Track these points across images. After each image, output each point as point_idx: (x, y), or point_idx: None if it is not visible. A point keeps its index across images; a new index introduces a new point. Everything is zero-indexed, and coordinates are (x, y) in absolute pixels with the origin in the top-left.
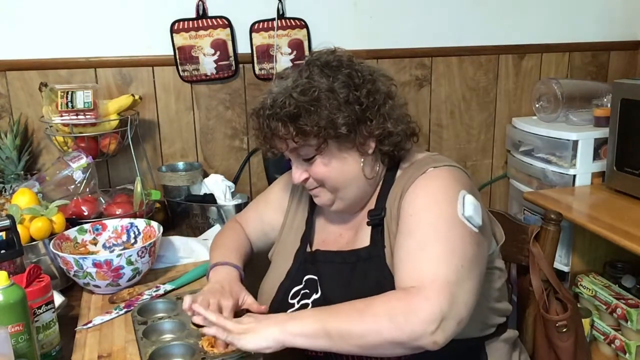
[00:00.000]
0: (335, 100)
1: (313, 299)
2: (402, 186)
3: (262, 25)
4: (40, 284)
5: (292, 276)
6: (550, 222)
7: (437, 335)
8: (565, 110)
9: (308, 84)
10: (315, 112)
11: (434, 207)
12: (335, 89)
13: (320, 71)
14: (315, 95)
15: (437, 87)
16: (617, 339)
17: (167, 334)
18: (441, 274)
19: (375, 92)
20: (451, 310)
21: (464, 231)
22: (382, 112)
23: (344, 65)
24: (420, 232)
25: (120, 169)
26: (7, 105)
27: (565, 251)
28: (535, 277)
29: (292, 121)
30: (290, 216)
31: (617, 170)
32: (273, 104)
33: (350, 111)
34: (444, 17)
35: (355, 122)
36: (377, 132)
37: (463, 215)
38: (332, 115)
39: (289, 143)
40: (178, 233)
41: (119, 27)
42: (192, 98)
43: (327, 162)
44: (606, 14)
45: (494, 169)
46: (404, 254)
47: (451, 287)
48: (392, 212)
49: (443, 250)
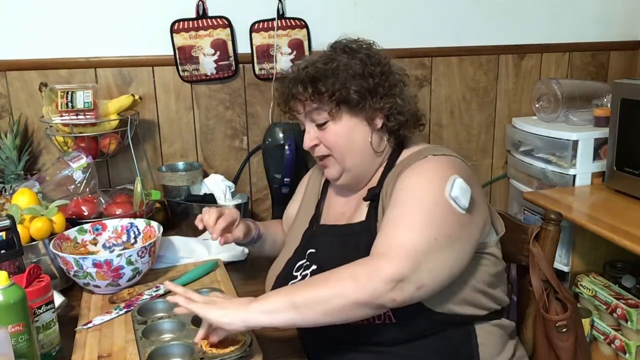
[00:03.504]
0: (351, 70)
1: (311, 270)
2: (401, 168)
3: (262, 25)
4: (40, 284)
5: (298, 253)
6: (550, 222)
7: (394, 292)
8: (565, 110)
9: (330, 58)
10: (332, 77)
11: (423, 184)
12: (352, 64)
13: (342, 51)
14: (334, 66)
15: (437, 87)
16: (617, 339)
17: (167, 333)
18: (409, 241)
19: (389, 74)
20: (412, 275)
21: (446, 209)
22: (392, 92)
23: (363, 48)
24: (404, 205)
25: (120, 169)
26: (7, 105)
27: (565, 251)
28: (535, 277)
29: (312, 82)
30: (304, 202)
31: (617, 170)
32: (298, 69)
33: (363, 81)
34: (444, 17)
35: (367, 92)
36: (387, 106)
37: (450, 195)
38: (346, 82)
39: (307, 105)
40: (178, 233)
41: (119, 27)
42: (192, 98)
43: (338, 128)
44: (606, 14)
45: (494, 169)
46: (385, 224)
47: (417, 255)
48: (387, 190)
49: (420, 220)
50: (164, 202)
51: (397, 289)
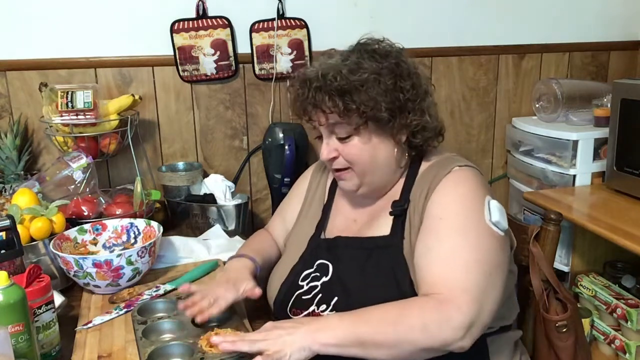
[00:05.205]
0: (382, 85)
1: (322, 282)
2: (429, 182)
3: (262, 25)
4: (40, 284)
5: (305, 260)
6: (550, 222)
7: (465, 340)
8: (565, 110)
9: (356, 65)
10: (363, 92)
11: (463, 212)
12: (382, 75)
13: (370, 56)
14: (365, 77)
15: (437, 87)
16: (617, 339)
17: (167, 333)
18: (472, 285)
19: (419, 86)
20: (479, 319)
21: (491, 238)
22: (421, 106)
23: (392, 55)
24: (451, 238)
25: (120, 169)
26: (7, 105)
27: (565, 251)
28: (535, 277)
29: (340, 96)
30: (307, 204)
31: (617, 170)
32: (323, 76)
33: (394, 98)
34: (444, 17)
35: (397, 109)
36: (414, 123)
37: (490, 221)
38: (377, 98)
39: (330, 117)
40: (178, 233)
41: (119, 27)
42: (192, 98)
43: (362, 144)
44: (606, 14)
45: (494, 169)
46: (434, 258)
47: (480, 297)
48: (416, 206)
49: (473, 258)
50: (164, 202)
51: (467, 336)
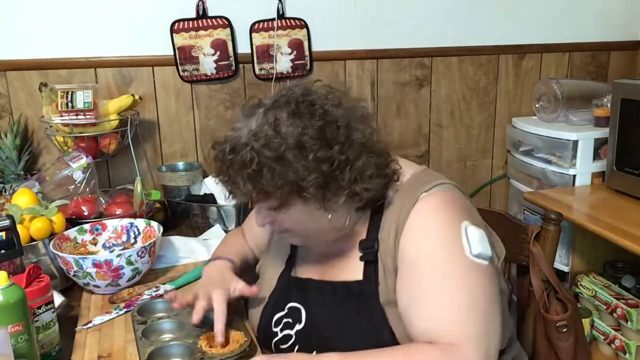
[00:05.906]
0: (304, 159)
1: (296, 330)
2: (397, 219)
3: (262, 25)
4: (40, 284)
5: (274, 301)
6: (550, 222)
7: None
8: (565, 110)
9: (273, 136)
10: (279, 172)
11: (441, 252)
12: (305, 145)
13: (288, 116)
14: (281, 152)
15: (437, 87)
16: (617, 339)
17: (167, 333)
18: (473, 331)
19: (349, 147)
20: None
21: (478, 272)
22: (354, 171)
23: (316, 113)
24: (437, 284)
25: (120, 169)
26: (7, 105)
27: (565, 251)
28: (535, 277)
29: (252, 181)
30: (275, 234)
31: (617, 170)
32: (233, 151)
33: (318, 172)
34: (444, 17)
35: (324, 184)
36: (346, 192)
37: (471, 254)
38: (298, 177)
39: None
40: (178, 233)
41: (119, 27)
42: (192, 98)
43: (295, 215)
44: (606, 14)
45: (494, 169)
46: (424, 309)
47: (483, 338)
48: (387, 247)
49: (466, 303)
50: (164, 202)
51: None
